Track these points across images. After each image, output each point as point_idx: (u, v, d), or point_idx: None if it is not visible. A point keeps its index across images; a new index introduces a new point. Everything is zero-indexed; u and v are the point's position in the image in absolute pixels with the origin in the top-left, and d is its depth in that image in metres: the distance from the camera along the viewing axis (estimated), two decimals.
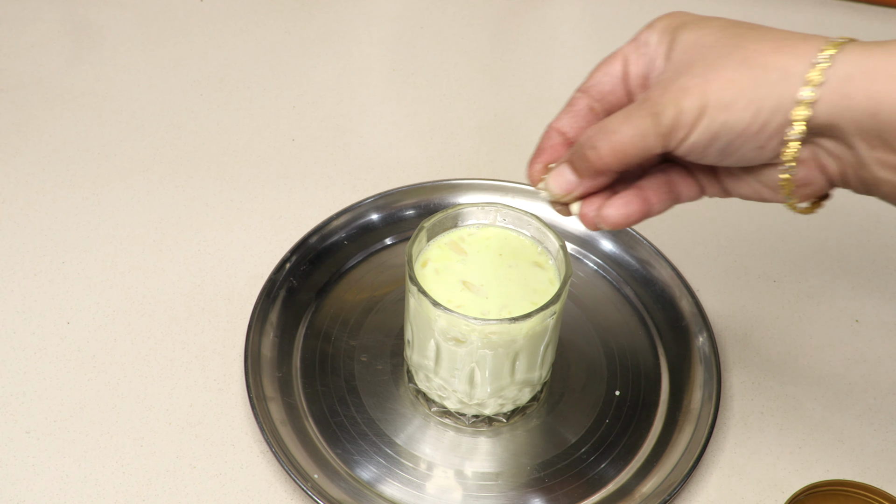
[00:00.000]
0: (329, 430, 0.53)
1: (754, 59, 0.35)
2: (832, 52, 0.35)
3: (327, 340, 0.58)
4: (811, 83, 0.35)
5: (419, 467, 0.52)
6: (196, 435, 0.53)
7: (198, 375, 0.56)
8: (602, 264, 0.64)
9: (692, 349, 0.58)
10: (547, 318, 0.48)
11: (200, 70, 0.81)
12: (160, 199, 0.68)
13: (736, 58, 0.36)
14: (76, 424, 0.53)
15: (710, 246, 0.67)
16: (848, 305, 0.63)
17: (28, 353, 0.57)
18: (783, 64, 0.35)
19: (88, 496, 0.50)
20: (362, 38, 0.87)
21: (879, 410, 0.57)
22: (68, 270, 0.62)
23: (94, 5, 0.87)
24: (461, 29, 0.88)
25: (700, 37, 0.38)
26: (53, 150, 0.71)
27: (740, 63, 0.35)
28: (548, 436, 0.54)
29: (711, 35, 0.37)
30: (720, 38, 0.37)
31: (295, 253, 0.61)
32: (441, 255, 0.52)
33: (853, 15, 0.91)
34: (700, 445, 0.52)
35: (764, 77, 0.35)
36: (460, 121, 0.77)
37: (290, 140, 0.74)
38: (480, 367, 0.50)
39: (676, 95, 0.36)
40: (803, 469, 0.53)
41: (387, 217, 0.65)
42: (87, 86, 0.78)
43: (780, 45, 0.36)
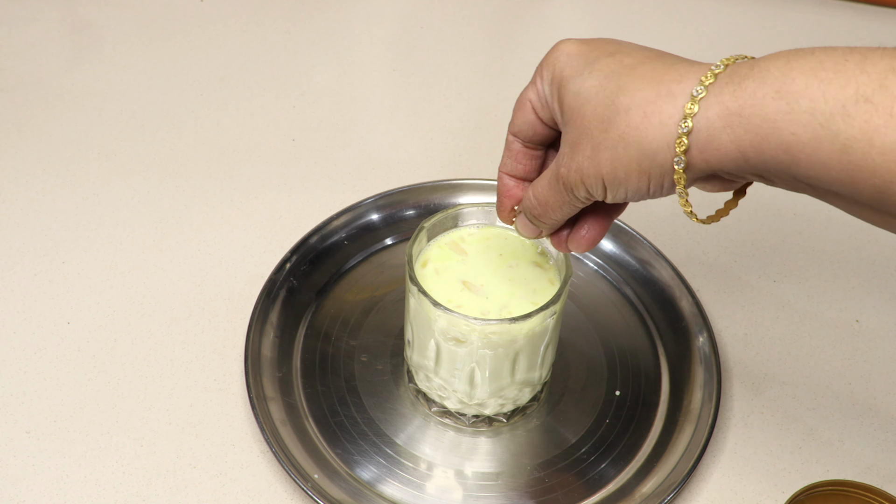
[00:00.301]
0: (329, 430, 0.53)
1: (630, 134, 0.37)
2: (702, 94, 0.35)
3: (327, 340, 0.58)
4: (681, 147, 0.36)
5: (419, 467, 0.52)
6: (196, 435, 0.53)
7: (198, 375, 0.56)
8: (602, 264, 0.64)
9: (692, 349, 0.58)
10: (547, 318, 0.48)
11: (200, 70, 0.81)
12: (160, 199, 0.68)
13: (614, 136, 0.37)
14: (76, 424, 0.53)
15: (711, 246, 0.67)
16: (848, 306, 0.63)
17: (28, 353, 0.57)
18: (655, 135, 0.37)
19: (88, 496, 0.50)
20: (362, 38, 0.87)
21: (879, 410, 0.57)
22: (68, 270, 0.62)
23: (94, 5, 0.87)
24: (461, 29, 0.88)
25: (580, 103, 0.39)
26: (53, 150, 0.71)
27: (619, 141, 0.37)
28: (548, 436, 0.54)
29: (589, 101, 0.39)
30: (598, 105, 0.38)
31: (295, 253, 0.61)
32: (441, 255, 0.52)
33: (853, 15, 0.91)
34: (700, 445, 0.52)
35: (642, 151, 0.37)
36: (460, 121, 0.77)
37: (290, 140, 0.74)
38: (480, 367, 0.50)
39: (579, 175, 0.40)
40: (803, 469, 0.53)
41: (387, 217, 0.65)
42: (87, 86, 0.78)
43: (654, 98, 0.37)
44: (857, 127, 0.32)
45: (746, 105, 0.34)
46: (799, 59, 0.34)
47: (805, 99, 0.33)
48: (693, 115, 0.35)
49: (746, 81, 0.35)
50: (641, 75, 0.37)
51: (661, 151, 0.37)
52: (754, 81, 0.35)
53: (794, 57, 0.34)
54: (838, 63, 0.33)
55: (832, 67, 0.33)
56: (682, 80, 0.36)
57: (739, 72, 0.35)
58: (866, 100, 0.32)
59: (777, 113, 0.34)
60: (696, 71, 0.37)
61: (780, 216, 0.68)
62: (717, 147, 0.36)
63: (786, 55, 0.35)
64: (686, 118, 0.35)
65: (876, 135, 0.32)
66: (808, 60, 0.34)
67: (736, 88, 0.35)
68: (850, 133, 0.32)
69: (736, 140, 0.35)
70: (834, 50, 0.34)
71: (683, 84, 0.36)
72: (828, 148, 0.33)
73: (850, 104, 0.32)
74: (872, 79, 0.32)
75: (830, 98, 0.33)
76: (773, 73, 0.34)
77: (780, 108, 0.34)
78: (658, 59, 0.38)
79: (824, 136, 0.33)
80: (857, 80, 0.32)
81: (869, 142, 0.32)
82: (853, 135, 0.32)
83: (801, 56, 0.34)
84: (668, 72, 0.37)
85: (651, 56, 0.39)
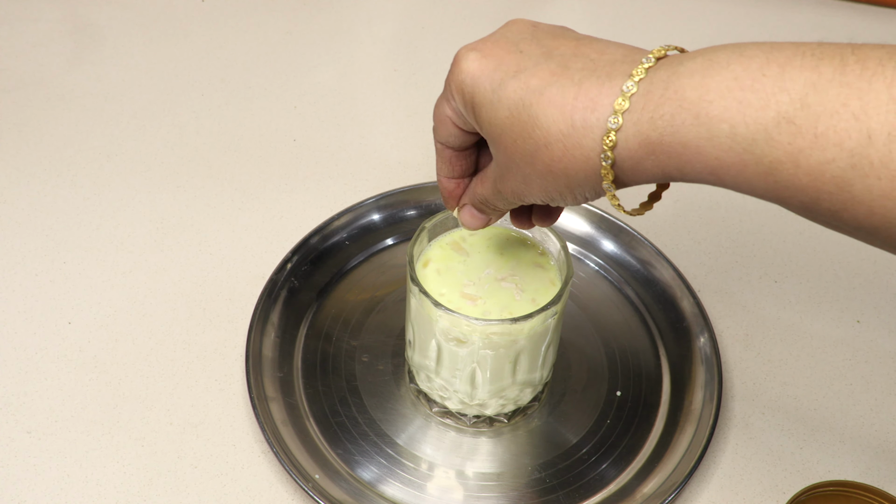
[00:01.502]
0: (330, 431, 0.53)
1: (555, 167, 0.36)
2: (619, 124, 0.34)
3: (328, 341, 0.58)
4: (607, 175, 0.35)
5: (420, 468, 0.52)
6: (197, 435, 0.53)
7: (199, 375, 0.56)
8: (603, 265, 0.64)
9: (693, 349, 0.58)
10: (548, 318, 0.48)
11: (201, 70, 0.81)
12: (161, 200, 0.68)
13: (539, 168, 0.37)
14: (77, 424, 0.53)
15: (712, 246, 0.67)
16: (849, 306, 0.63)
17: (29, 353, 0.57)
18: (579, 167, 0.36)
19: (89, 496, 0.50)
20: (364, 38, 0.87)
21: (880, 410, 0.57)
22: (69, 270, 0.62)
23: (95, 5, 0.87)
24: (462, 29, 0.88)
25: (498, 133, 0.38)
26: (54, 150, 0.71)
27: (546, 173, 0.37)
28: (549, 436, 0.54)
29: (506, 133, 0.37)
30: (516, 137, 0.37)
31: (296, 253, 0.61)
32: (442, 255, 0.52)
33: (853, 15, 0.91)
34: (701, 446, 0.52)
35: (570, 179, 0.37)
36: None
37: (291, 140, 0.74)
38: (482, 368, 0.50)
39: (516, 195, 0.40)
40: (804, 469, 0.53)
41: (388, 217, 0.65)
42: (88, 86, 0.78)
43: (570, 132, 0.35)
44: (782, 150, 0.31)
45: (666, 133, 0.33)
46: (714, 75, 0.32)
47: (724, 123, 0.32)
48: (613, 148, 0.34)
49: (663, 107, 0.33)
50: (550, 102, 0.36)
51: (588, 179, 0.36)
52: (671, 106, 0.33)
53: (709, 72, 0.32)
54: (756, 80, 0.31)
55: (749, 86, 0.31)
56: (594, 107, 0.35)
57: (654, 92, 0.34)
58: (788, 121, 0.31)
59: (698, 139, 0.33)
60: (607, 93, 0.35)
61: (780, 216, 0.68)
62: (641, 171, 0.35)
63: (701, 68, 0.33)
64: (606, 151, 0.35)
65: (801, 157, 0.31)
66: (723, 77, 0.32)
67: (653, 115, 0.33)
68: (775, 156, 0.31)
69: (660, 165, 0.34)
70: (750, 59, 0.32)
71: (597, 113, 0.35)
72: (753, 170, 0.32)
73: (772, 127, 0.31)
74: (793, 98, 0.31)
75: (751, 122, 0.31)
76: (689, 96, 0.33)
77: (700, 133, 0.32)
78: (564, 73, 0.36)
79: (748, 159, 0.32)
80: (777, 100, 0.31)
81: (794, 164, 0.31)
82: (778, 158, 0.31)
83: (717, 71, 0.32)
84: (578, 96, 0.35)
85: (556, 68, 0.37)
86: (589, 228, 0.65)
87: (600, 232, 0.65)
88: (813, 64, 0.31)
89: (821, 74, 0.31)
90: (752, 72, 0.32)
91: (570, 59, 0.37)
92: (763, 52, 0.32)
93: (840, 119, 0.30)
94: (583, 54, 0.37)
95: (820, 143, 0.30)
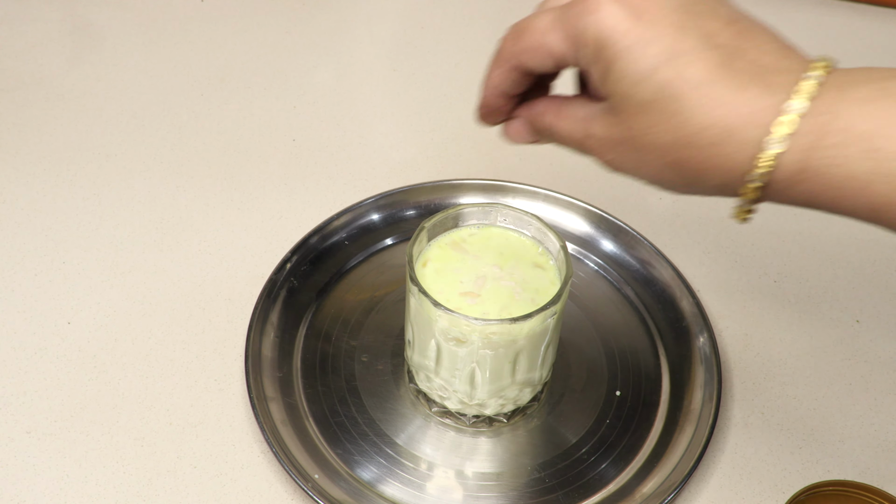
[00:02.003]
0: (330, 431, 0.53)
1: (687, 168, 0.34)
2: (781, 149, 0.32)
3: (328, 341, 0.58)
4: (748, 194, 0.33)
5: (420, 467, 0.52)
6: (196, 435, 0.53)
7: (198, 375, 0.56)
8: (603, 264, 0.64)
9: (693, 349, 0.58)
10: (548, 318, 0.48)
11: (201, 70, 0.81)
12: (161, 199, 0.68)
13: (669, 160, 0.34)
14: (77, 424, 0.53)
15: (711, 246, 0.67)
16: (848, 306, 0.63)
17: (28, 353, 0.57)
18: (720, 178, 0.33)
19: (89, 496, 0.50)
20: (363, 38, 0.87)
21: (880, 410, 0.57)
22: (69, 270, 0.62)
23: (94, 5, 0.87)
24: (461, 29, 0.88)
25: (636, 106, 0.34)
26: (54, 150, 0.72)
27: (674, 166, 0.34)
28: (548, 436, 0.54)
29: (646, 112, 0.34)
30: (658, 120, 0.34)
31: (296, 253, 0.61)
32: (442, 255, 0.52)
33: (853, 15, 0.91)
34: (700, 446, 0.52)
35: (699, 182, 0.34)
36: (460, 121, 0.77)
37: (290, 140, 0.74)
38: (481, 368, 0.50)
39: (614, 165, 0.37)
40: (804, 469, 0.53)
41: (387, 217, 0.65)
42: (87, 86, 0.78)
43: (726, 138, 0.32)
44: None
45: (833, 164, 0.31)
46: (889, 108, 0.30)
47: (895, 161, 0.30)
48: (769, 171, 0.32)
49: (830, 136, 0.31)
50: (709, 101, 0.32)
51: (722, 188, 0.34)
52: (840, 136, 0.31)
53: (884, 104, 0.30)
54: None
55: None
56: (757, 123, 0.32)
57: (821, 117, 0.31)
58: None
59: (868, 174, 0.31)
60: (771, 108, 0.32)
61: (780, 216, 0.68)
62: (786, 195, 0.33)
63: (873, 97, 0.31)
64: (759, 169, 0.32)
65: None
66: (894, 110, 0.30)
67: (818, 143, 0.31)
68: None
69: (812, 194, 0.32)
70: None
71: (760, 129, 0.32)
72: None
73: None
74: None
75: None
76: (860, 128, 0.31)
77: (870, 168, 0.30)
78: (726, 72, 0.33)
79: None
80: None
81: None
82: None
83: (892, 103, 0.30)
84: (739, 104, 0.32)
85: (717, 63, 0.33)
86: (588, 228, 0.65)
87: (600, 232, 0.65)
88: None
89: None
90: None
91: (733, 54, 0.33)
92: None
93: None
94: (744, 50, 0.33)
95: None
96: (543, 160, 0.74)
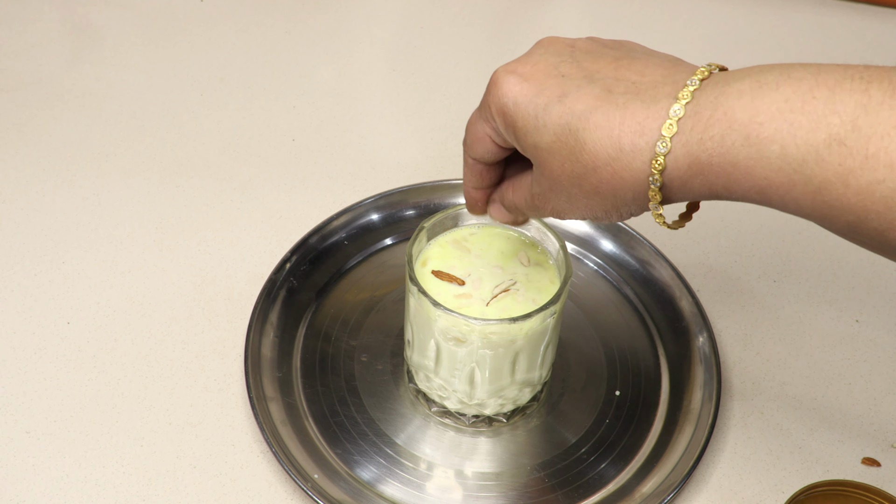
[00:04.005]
0: (329, 430, 0.53)
1: (602, 188, 0.37)
2: (668, 149, 0.35)
3: (327, 340, 0.58)
4: (654, 195, 0.36)
5: (419, 467, 0.52)
6: (196, 435, 0.53)
7: (198, 375, 0.56)
8: (602, 264, 0.64)
9: (692, 349, 0.58)
10: (547, 318, 0.48)
11: (201, 70, 0.81)
12: (160, 199, 0.68)
13: (586, 189, 0.38)
14: (76, 424, 0.53)
15: (710, 246, 0.67)
16: (848, 305, 0.63)
17: (28, 353, 0.57)
18: (628, 187, 0.37)
19: (88, 496, 0.50)
20: (362, 38, 0.87)
21: (879, 410, 0.57)
22: (68, 270, 0.62)
23: (94, 5, 0.87)
24: (461, 29, 0.88)
25: (543, 157, 0.39)
26: (53, 150, 0.72)
27: (593, 193, 0.38)
28: (548, 436, 0.54)
29: (552, 156, 0.38)
30: (563, 160, 0.38)
31: (295, 253, 0.61)
32: (441, 254, 0.52)
33: (853, 15, 0.91)
34: (700, 445, 0.52)
35: (617, 199, 0.38)
36: (460, 121, 0.77)
37: (290, 140, 0.74)
38: (480, 368, 0.50)
39: (556, 213, 0.41)
40: (803, 469, 0.53)
41: (387, 217, 0.65)
42: (87, 86, 0.78)
43: (618, 155, 0.36)
44: (832, 171, 0.32)
45: (715, 154, 0.34)
46: (764, 97, 0.33)
47: (775, 144, 0.33)
48: (662, 171, 0.35)
49: (712, 129, 0.34)
50: (597, 127, 0.36)
51: (635, 198, 0.37)
52: (720, 128, 0.34)
53: (758, 94, 0.33)
54: (806, 102, 0.32)
55: (800, 108, 0.32)
56: (642, 131, 0.35)
57: (702, 114, 0.34)
58: (839, 143, 0.32)
59: (748, 159, 0.33)
60: (653, 117, 0.35)
61: (779, 216, 0.68)
62: (689, 190, 0.36)
63: (750, 89, 0.34)
64: (654, 174, 0.36)
65: (851, 177, 0.32)
66: (773, 100, 0.33)
67: (702, 136, 0.34)
68: (825, 176, 0.32)
69: (707, 184, 0.35)
70: (799, 82, 0.33)
71: (645, 137, 0.35)
72: (801, 189, 0.33)
73: (823, 148, 0.32)
74: (843, 119, 0.32)
75: (801, 143, 0.32)
76: (739, 118, 0.33)
77: (750, 154, 0.33)
78: (608, 98, 0.37)
79: (797, 179, 0.33)
80: (828, 122, 0.32)
81: (843, 184, 0.32)
82: (827, 178, 0.32)
83: (766, 93, 0.33)
84: (624, 121, 0.36)
85: (600, 93, 0.37)
86: (588, 228, 0.65)
87: (599, 231, 0.65)
88: (863, 87, 0.32)
89: (871, 97, 0.31)
90: (802, 94, 0.33)
91: (612, 83, 0.37)
92: (811, 74, 0.33)
93: (891, 141, 0.31)
94: (624, 77, 0.38)
95: (870, 164, 0.31)
96: None
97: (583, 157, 0.37)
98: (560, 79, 0.38)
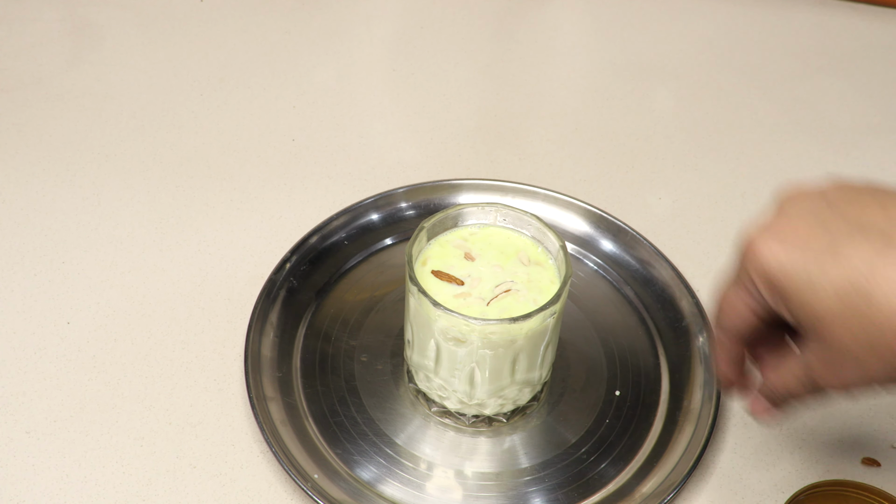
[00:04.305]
0: (329, 430, 0.53)
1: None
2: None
3: (327, 340, 0.58)
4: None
5: (419, 467, 0.52)
6: (196, 435, 0.53)
7: (198, 375, 0.56)
8: (602, 264, 0.64)
9: (692, 349, 0.58)
10: (547, 318, 0.48)
11: (200, 70, 0.81)
12: (160, 199, 0.68)
13: (883, 353, 0.34)
14: (76, 424, 0.53)
15: (710, 246, 0.67)
16: None
17: (28, 353, 0.57)
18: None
19: (88, 496, 0.50)
20: (362, 38, 0.87)
21: (879, 411, 0.57)
22: (68, 270, 0.62)
23: (94, 5, 0.87)
24: (461, 29, 0.88)
25: (825, 323, 0.35)
26: (53, 150, 0.72)
27: (893, 356, 0.35)
28: (548, 436, 0.54)
29: (836, 320, 0.35)
30: (850, 325, 0.35)
31: (295, 253, 0.61)
32: (441, 254, 0.52)
33: (853, 15, 0.91)
34: (700, 445, 0.52)
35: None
36: (460, 121, 0.77)
37: (290, 140, 0.74)
38: (480, 368, 0.50)
39: (844, 387, 0.38)
40: (803, 469, 0.53)
41: (387, 217, 0.65)
42: (87, 86, 0.78)
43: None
44: None
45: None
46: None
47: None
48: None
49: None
50: (887, 280, 0.33)
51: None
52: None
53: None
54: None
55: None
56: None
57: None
58: None
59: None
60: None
61: None
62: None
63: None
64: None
65: None
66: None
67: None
68: None
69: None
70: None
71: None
72: None
73: None
74: None
75: None
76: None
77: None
78: (889, 247, 0.34)
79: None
80: None
81: None
82: None
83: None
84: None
85: (879, 242, 0.34)
86: (588, 228, 0.65)
87: (599, 231, 0.65)
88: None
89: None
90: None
91: (889, 230, 0.35)
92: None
93: None
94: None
95: None
96: (543, 160, 0.74)
97: (877, 319, 0.34)
98: (826, 233, 0.35)
